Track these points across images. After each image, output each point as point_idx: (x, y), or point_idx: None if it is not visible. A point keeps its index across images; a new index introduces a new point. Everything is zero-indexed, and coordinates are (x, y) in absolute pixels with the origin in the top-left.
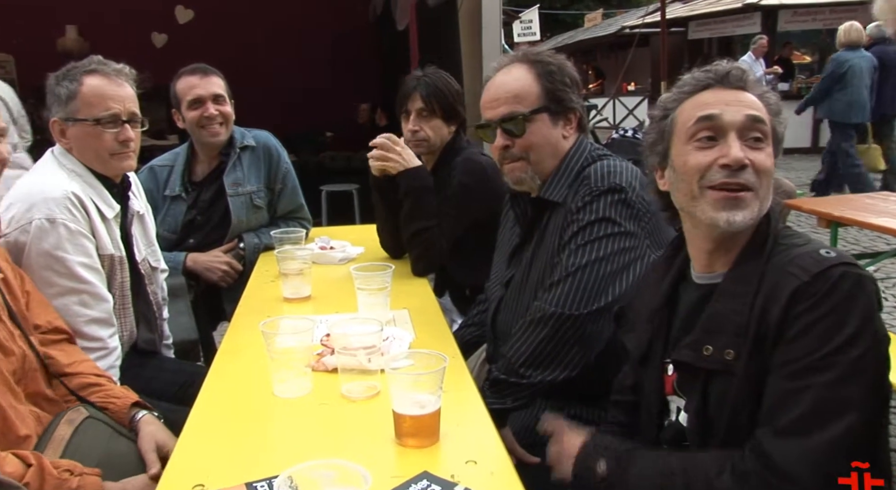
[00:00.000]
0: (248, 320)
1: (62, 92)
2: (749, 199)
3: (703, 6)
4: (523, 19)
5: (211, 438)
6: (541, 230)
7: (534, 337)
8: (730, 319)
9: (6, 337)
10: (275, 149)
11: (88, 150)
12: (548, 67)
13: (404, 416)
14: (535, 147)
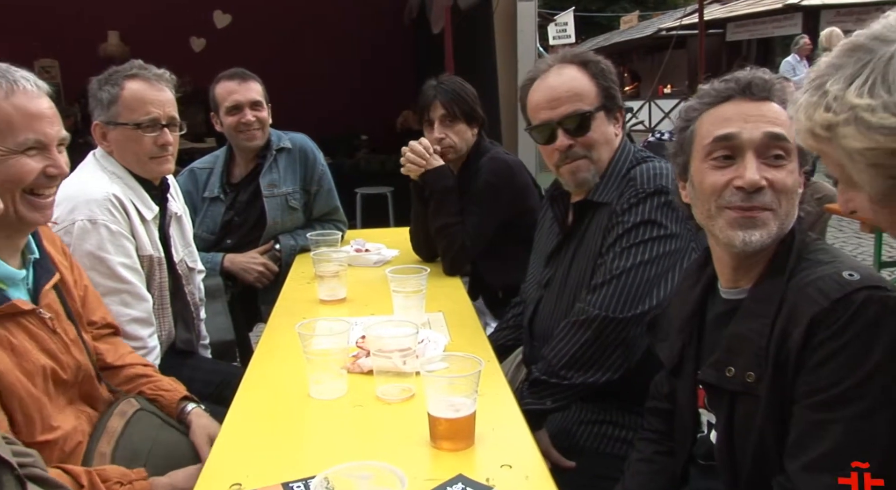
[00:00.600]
0: (285, 322)
1: (104, 96)
2: (767, 218)
3: (742, 7)
4: (558, 22)
5: (248, 438)
6: (582, 231)
7: (576, 339)
8: (751, 341)
9: (61, 349)
10: (311, 151)
11: (128, 153)
12: (599, 66)
13: (439, 418)
14: (597, 145)
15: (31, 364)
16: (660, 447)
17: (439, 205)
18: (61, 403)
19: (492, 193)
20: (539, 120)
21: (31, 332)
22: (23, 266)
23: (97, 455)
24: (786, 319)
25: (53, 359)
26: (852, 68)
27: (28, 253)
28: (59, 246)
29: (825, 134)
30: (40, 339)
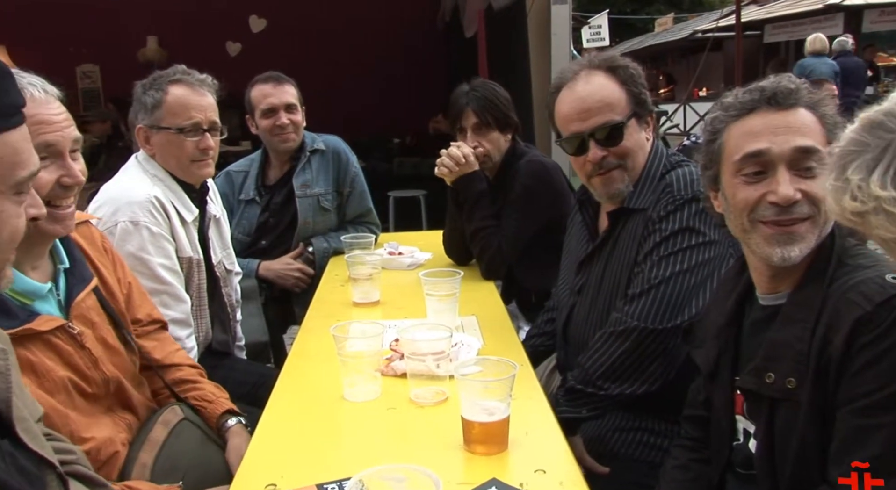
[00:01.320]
0: (319, 324)
1: (148, 101)
2: (805, 230)
3: (781, 8)
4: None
5: (283, 439)
6: (615, 237)
7: (614, 349)
8: (791, 346)
9: (88, 364)
10: (344, 153)
11: (170, 156)
12: (627, 71)
13: (473, 422)
14: (631, 153)
15: (51, 382)
16: (696, 455)
17: (473, 209)
18: (95, 413)
19: (529, 197)
20: (569, 132)
21: (57, 348)
22: (51, 278)
23: (138, 465)
24: (827, 325)
25: (78, 374)
26: (873, 152)
27: (58, 262)
28: (98, 245)
29: (857, 220)
30: (66, 355)
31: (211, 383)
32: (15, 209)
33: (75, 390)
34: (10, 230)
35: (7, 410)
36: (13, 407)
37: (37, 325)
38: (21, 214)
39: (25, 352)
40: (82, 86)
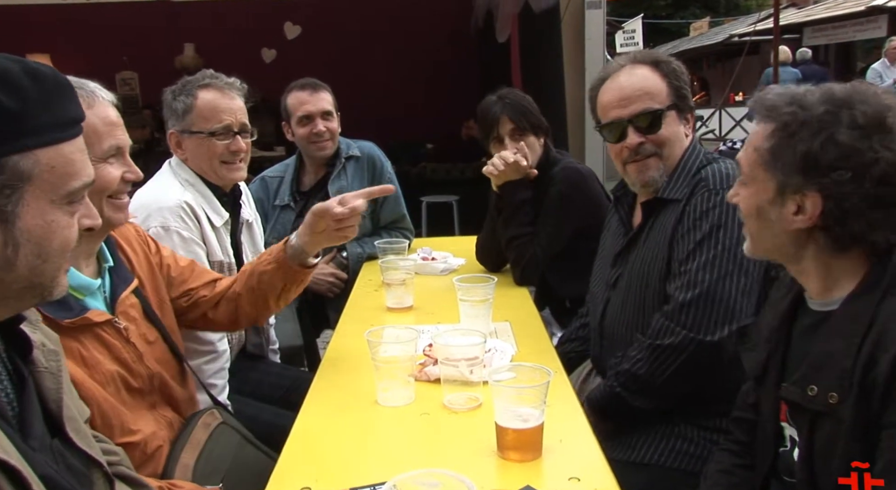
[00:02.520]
0: (352, 329)
1: (179, 106)
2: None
3: (821, 11)
4: (626, 29)
5: (317, 443)
6: (648, 228)
7: (666, 366)
8: (836, 360)
9: (134, 358)
10: (378, 159)
11: (203, 160)
12: (670, 66)
13: (507, 429)
14: (668, 143)
15: (101, 375)
16: (740, 460)
17: (512, 216)
18: (140, 409)
19: (566, 203)
20: (609, 118)
21: (106, 341)
22: (98, 275)
23: (180, 465)
24: (874, 343)
25: (125, 368)
26: None
27: (103, 261)
28: (134, 242)
29: None
30: (114, 349)
31: None
32: (67, 220)
33: (122, 384)
34: (60, 240)
35: (58, 410)
36: (64, 407)
37: (90, 316)
38: (73, 225)
39: (77, 344)
40: (121, 92)
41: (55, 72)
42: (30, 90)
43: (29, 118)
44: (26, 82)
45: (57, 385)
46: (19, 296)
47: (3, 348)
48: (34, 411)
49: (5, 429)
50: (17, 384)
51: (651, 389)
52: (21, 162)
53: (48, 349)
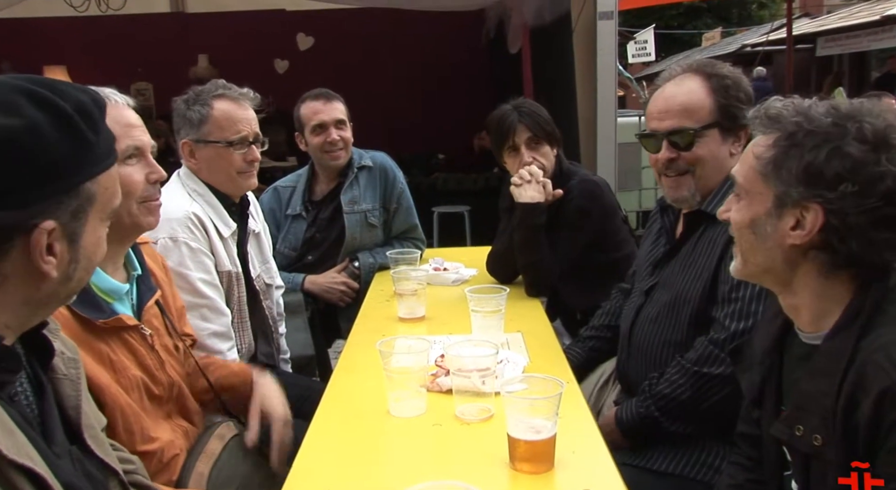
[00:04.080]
0: (364, 339)
1: (194, 116)
2: (735, 251)
3: (835, 20)
4: (638, 40)
5: (329, 454)
6: (693, 242)
7: (714, 391)
8: (818, 401)
9: (156, 365)
10: (391, 169)
11: (219, 170)
12: (723, 81)
13: (519, 440)
14: (702, 162)
15: (128, 380)
16: (752, 475)
17: (529, 240)
18: (158, 417)
19: (583, 217)
20: (649, 129)
21: (132, 347)
22: (126, 281)
23: (195, 474)
24: (854, 384)
25: (148, 374)
26: None
27: (131, 269)
28: (159, 262)
29: None
30: (139, 355)
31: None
32: (105, 233)
33: (145, 391)
34: (101, 253)
35: (77, 417)
36: (82, 414)
37: (120, 320)
38: (105, 238)
39: (107, 348)
40: (136, 103)
41: (102, 96)
42: (99, 121)
43: (99, 147)
44: (96, 114)
45: (76, 392)
46: (57, 304)
47: (25, 354)
48: (54, 418)
49: (31, 435)
50: (37, 391)
51: (691, 415)
52: (91, 187)
53: (67, 357)
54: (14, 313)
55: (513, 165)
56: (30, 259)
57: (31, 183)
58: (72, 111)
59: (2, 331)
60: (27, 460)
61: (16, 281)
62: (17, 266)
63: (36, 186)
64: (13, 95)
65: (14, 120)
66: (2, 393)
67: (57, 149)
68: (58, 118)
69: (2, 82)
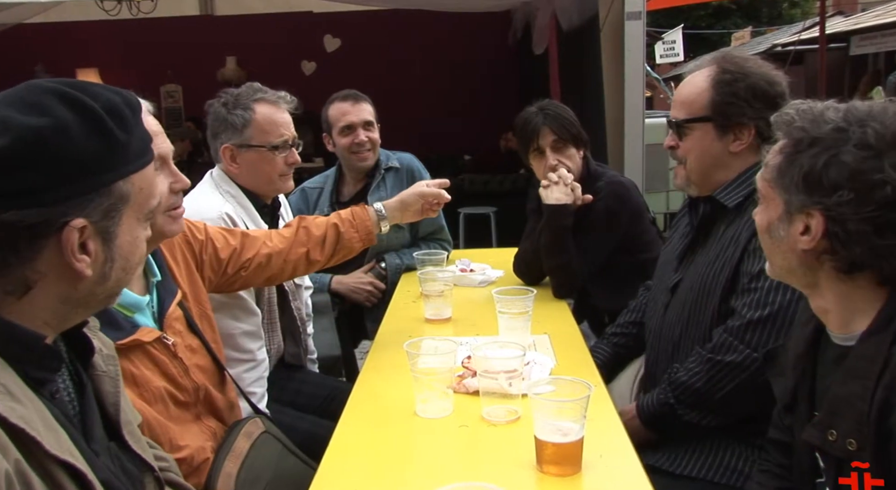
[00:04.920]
0: (391, 340)
1: (236, 120)
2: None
3: (869, 18)
4: (666, 40)
5: (356, 454)
6: (716, 236)
7: (724, 383)
8: (852, 405)
9: (180, 373)
10: (418, 171)
11: (260, 173)
12: (725, 75)
13: (546, 442)
14: (691, 155)
15: (151, 392)
16: (784, 483)
17: (556, 242)
18: (186, 421)
19: (611, 218)
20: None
21: (155, 358)
22: (146, 290)
23: (223, 474)
24: (889, 387)
25: (172, 383)
26: None
27: (151, 276)
28: (177, 249)
29: None
30: (162, 365)
31: None
32: (143, 234)
33: (170, 399)
34: (140, 253)
35: (116, 414)
36: (121, 411)
37: (140, 335)
38: (144, 239)
39: (127, 363)
40: (166, 105)
41: (136, 98)
42: (130, 121)
43: (131, 146)
44: (127, 113)
45: (115, 389)
46: (98, 304)
47: (66, 352)
48: (94, 415)
49: (71, 432)
50: (78, 388)
51: (706, 404)
52: (124, 186)
53: (105, 354)
54: (53, 312)
55: (538, 168)
56: (63, 257)
57: (59, 181)
58: (101, 110)
59: (42, 329)
60: (69, 456)
61: (52, 279)
62: (52, 264)
63: (65, 184)
64: (43, 96)
65: (43, 119)
66: (43, 390)
67: (86, 147)
68: (87, 117)
69: (35, 84)
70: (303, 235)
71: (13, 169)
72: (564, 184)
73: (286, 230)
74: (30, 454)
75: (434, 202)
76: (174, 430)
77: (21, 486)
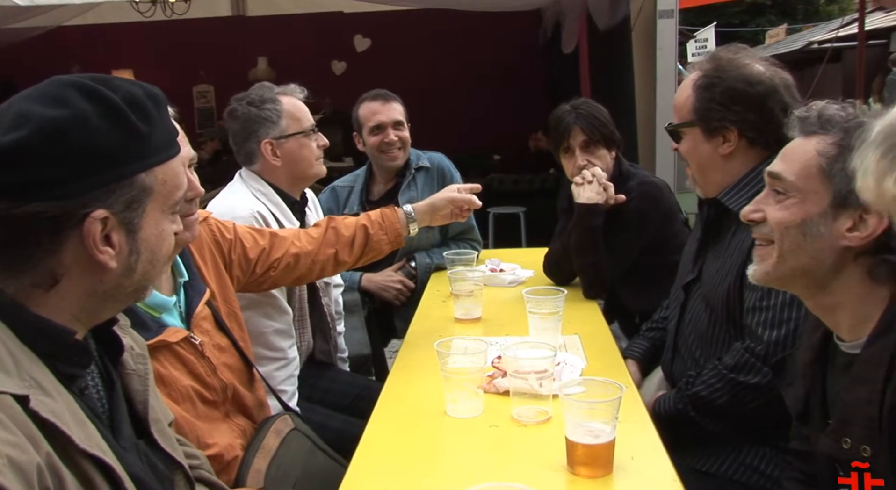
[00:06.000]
0: (421, 339)
1: (270, 114)
2: (764, 254)
3: None
4: (698, 38)
5: (386, 453)
6: (726, 240)
7: (751, 398)
8: (862, 410)
9: (208, 372)
10: (448, 170)
11: (302, 160)
12: (706, 80)
13: (577, 444)
14: (688, 158)
15: (178, 392)
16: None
17: (585, 241)
18: (215, 420)
19: (642, 219)
20: None
21: (182, 357)
22: (174, 291)
23: (253, 470)
24: None
25: (200, 382)
26: None
27: (178, 276)
28: (205, 247)
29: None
30: (190, 364)
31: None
32: (172, 228)
33: (198, 398)
34: (167, 247)
35: (144, 412)
36: (150, 408)
37: (167, 336)
38: (172, 233)
39: (154, 363)
40: (198, 105)
41: (159, 92)
42: (152, 113)
43: (152, 139)
44: (149, 105)
45: (144, 387)
46: (126, 298)
47: (97, 349)
48: (122, 412)
49: (100, 428)
50: (107, 385)
51: (729, 418)
52: (146, 179)
53: (136, 352)
54: (81, 306)
55: (568, 166)
56: (86, 249)
57: (80, 172)
58: (121, 102)
59: (72, 324)
60: (98, 451)
61: (78, 272)
62: (77, 257)
63: (85, 176)
64: (64, 89)
65: (62, 111)
66: (73, 386)
67: (106, 139)
68: (106, 109)
69: (58, 78)
70: (331, 236)
71: (33, 161)
72: (598, 183)
73: (315, 230)
74: (60, 448)
75: (465, 207)
76: (202, 429)
77: (52, 478)
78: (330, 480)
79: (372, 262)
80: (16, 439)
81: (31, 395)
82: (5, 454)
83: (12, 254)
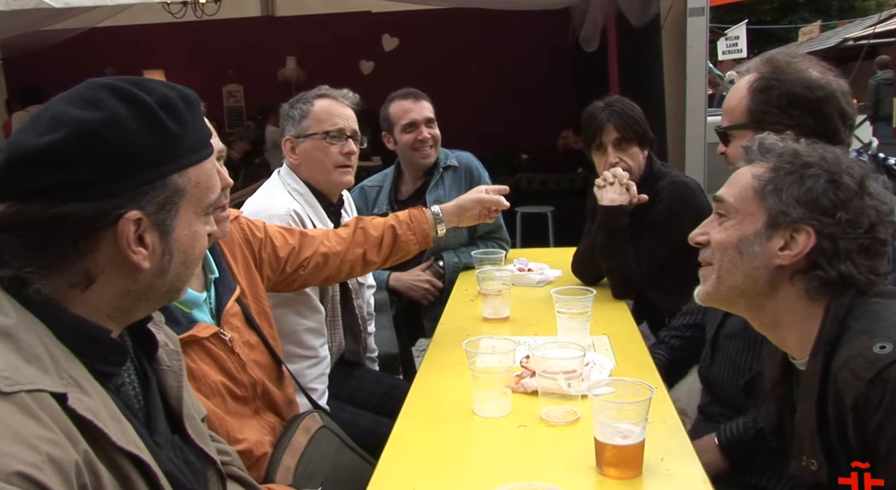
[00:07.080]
0: (449, 338)
1: (296, 113)
2: (705, 274)
3: None
4: (729, 36)
5: (414, 452)
6: None
7: None
8: (807, 426)
9: (237, 368)
10: (476, 169)
11: (316, 163)
12: (760, 82)
13: (606, 445)
14: (734, 162)
15: (208, 387)
16: None
17: (611, 243)
18: (244, 416)
19: (673, 219)
20: None
21: (212, 353)
22: (204, 287)
23: (282, 467)
24: (836, 404)
25: (230, 378)
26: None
27: (209, 273)
28: (236, 246)
29: None
30: (219, 360)
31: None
32: (204, 229)
33: (228, 394)
34: (199, 247)
35: (179, 407)
36: (184, 404)
37: (197, 331)
38: (205, 234)
39: (185, 358)
40: (228, 104)
41: (193, 93)
42: (185, 114)
43: (186, 140)
44: (182, 107)
45: (178, 383)
46: (159, 298)
47: (132, 346)
48: (158, 408)
49: (136, 425)
50: (142, 382)
51: None
52: (179, 180)
53: (170, 349)
54: (115, 305)
55: (599, 164)
56: (120, 250)
57: (113, 174)
58: (154, 104)
59: (107, 323)
60: (134, 448)
61: (112, 272)
62: (111, 257)
63: (118, 177)
64: (98, 91)
65: (95, 113)
66: (109, 383)
67: (139, 140)
68: (139, 110)
69: (92, 81)
70: (360, 236)
71: (68, 162)
72: (620, 183)
73: (343, 230)
74: (97, 445)
75: (492, 209)
76: (232, 424)
77: (90, 475)
78: (358, 479)
79: (400, 262)
80: (55, 437)
81: (69, 392)
82: (45, 451)
83: (48, 254)
